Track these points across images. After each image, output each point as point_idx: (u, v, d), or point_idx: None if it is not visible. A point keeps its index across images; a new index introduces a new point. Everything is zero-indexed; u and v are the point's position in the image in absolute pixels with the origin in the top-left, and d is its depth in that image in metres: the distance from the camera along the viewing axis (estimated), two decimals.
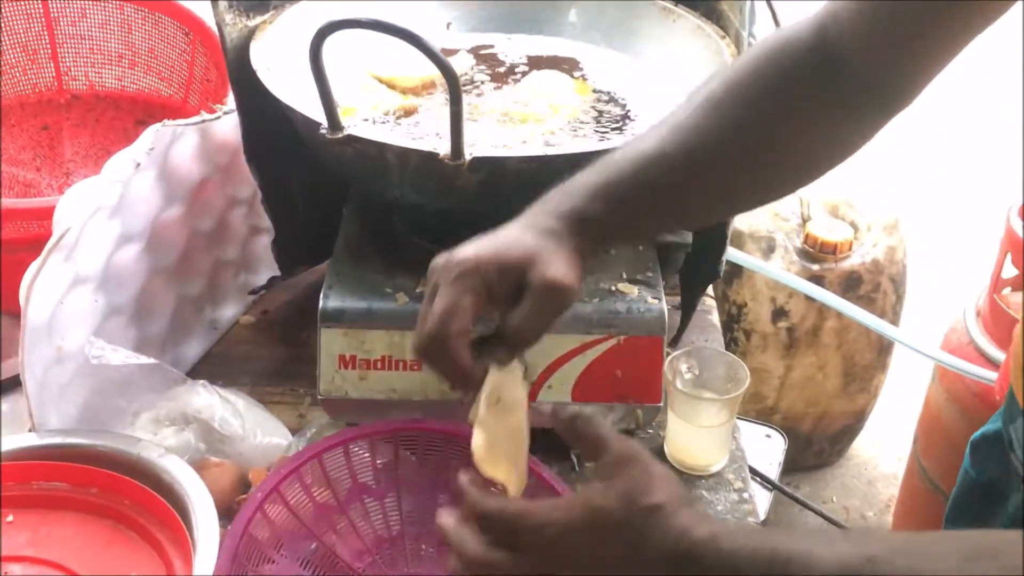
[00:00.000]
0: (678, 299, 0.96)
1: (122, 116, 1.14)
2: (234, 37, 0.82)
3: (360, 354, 0.78)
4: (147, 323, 0.86)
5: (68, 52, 1.13)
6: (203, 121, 0.84)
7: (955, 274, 1.96)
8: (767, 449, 1.20)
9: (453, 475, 0.72)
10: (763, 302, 1.49)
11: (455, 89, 0.63)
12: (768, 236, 1.48)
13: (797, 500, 1.17)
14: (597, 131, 0.84)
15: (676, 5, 0.93)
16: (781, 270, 1.36)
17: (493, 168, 0.69)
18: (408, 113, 0.85)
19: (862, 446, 1.81)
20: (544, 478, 0.72)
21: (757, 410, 1.54)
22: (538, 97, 0.87)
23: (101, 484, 0.68)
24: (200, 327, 0.93)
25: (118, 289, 0.81)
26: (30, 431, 0.73)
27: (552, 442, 0.82)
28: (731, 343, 1.49)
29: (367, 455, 0.72)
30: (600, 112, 0.87)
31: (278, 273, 0.96)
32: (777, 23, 1.19)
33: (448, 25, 1.02)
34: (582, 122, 0.85)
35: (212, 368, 0.92)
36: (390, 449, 0.73)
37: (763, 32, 1.08)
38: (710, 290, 1.02)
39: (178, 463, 0.69)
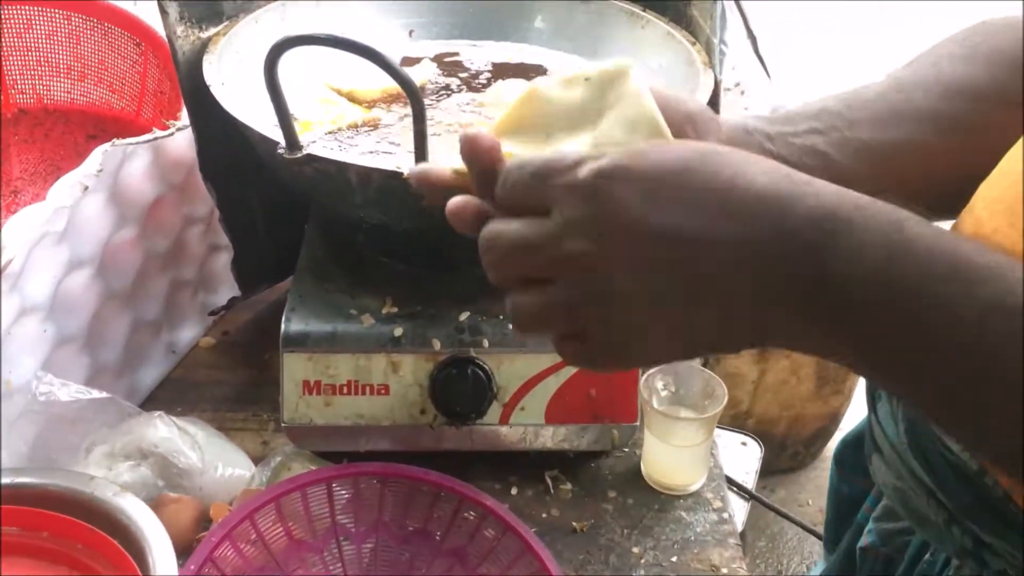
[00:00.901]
0: None
1: (72, 130, 1.10)
2: (186, 50, 0.79)
3: (325, 379, 0.75)
4: (100, 350, 0.82)
5: (14, 64, 1.08)
6: (155, 138, 0.81)
7: None
8: (743, 457, 1.18)
9: (422, 513, 0.70)
10: None
11: (418, 108, 0.60)
12: None
13: (774, 509, 1.16)
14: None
15: (644, 11, 0.91)
16: None
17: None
18: (372, 126, 0.82)
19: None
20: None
21: (731, 415, 1.53)
22: (503, 107, 0.85)
23: (53, 528, 0.64)
24: (157, 352, 0.90)
25: (68, 317, 0.77)
26: None
27: (524, 465, 0.80)
28: None
29: (325, 497, 0.70)
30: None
31: (238, 293, 0.93)
32: (748, 28, 1.17)
33: (411, 33, 1.00)
34: None
35: (171, 394, 0.89)
36: (351, 489, 0.70)
37: (734, 38, 1.07)
38: None
39: (134, 502, 0.66)
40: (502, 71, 0.93)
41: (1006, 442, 0.39)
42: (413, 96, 0.59)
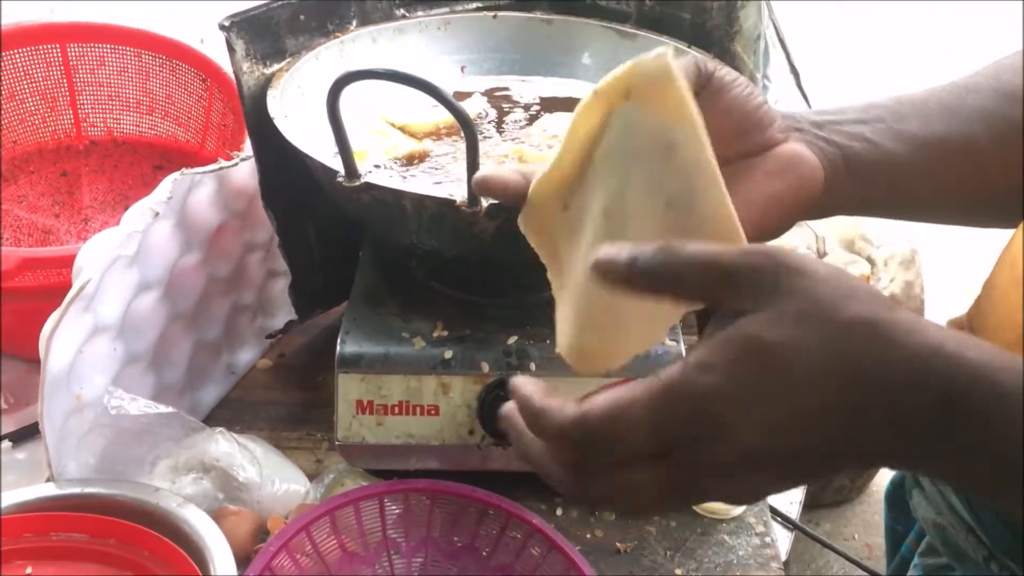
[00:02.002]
0: (696, 339, 0.96)
1: (140, 161, 1.15)
2: (251, 85, 0.83)
3: (377, 399, 0.78)
4: (165, 370, 0.86)
5: (87, 99, 1.14)
6: (220, 168, 0.85)
7: None
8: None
9: (469, 530, 0.73)
10: None
11: (471, 137, 0.63)
12: None
13: (818, 540, 1.16)
14: None
15: (690, 47, 0.93)
16: None
17: (509, 214, 0.69)
18: (422, 158, 0.86)
19: (884, 482, 1.79)
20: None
21: None
22: (550, 139, 0.88)
23: (120, 535, 0.68)
24: (217, 372, 0.93)
25: (136, 337, 0.81)
26: (48, 481, 0.74)
27: (534, 484, 0.81)
28: None
29: (377, 512, 0.72)
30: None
31: (295, 317, 0.96)
32: (792, 64, 1.20)
33: (463, 69, 1.03)
34: None
35: (230, 413, 0.92)
36: (401, 505, 0.73)
37: (777, 74, 1.09)
38: None
39: (196, 512, 0.69)
40: (550, 105, 0.96)
41: None
42: (466, 126, 0.62)
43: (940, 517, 0.65)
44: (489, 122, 0.93)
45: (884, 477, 1.77)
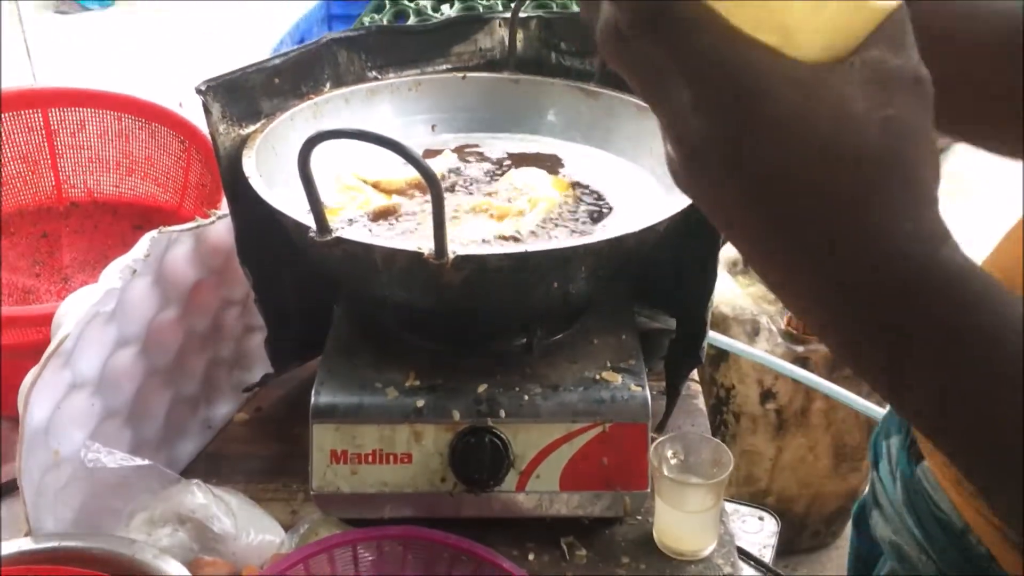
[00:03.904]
0: (664, 384, 0.98)
1: (119, 221, 1.18)
2: (227, 146, 0.86)
3: (351, 448, 0.80)
4: (142, 424, 0.87)
5: (67, 161, 1.17)
6: (198, 226, 0.87)
7: None
8: (761, 532, 1.20)
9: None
10: (751, 384, 1.51)
11: (437, 193, 0.66)
12: (752, 319, 1.51)
13: None
14: (577, 224, 0.87)
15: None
16: (765, 353, 1.39)
17: (476, 266, 0.72)
18: (394, 213, 0.88)
19: None
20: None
21: (751, 492, 1.55)
22: (518, 193, 0.91)
23: None
24: (195, 426, 0.95)
25: (114, 392, 0.83)
26: (26, 535, 0.74)
27: (541, 531, 0.83)
28: (721, 426, 1.51)
29: (351, 559, 0.74)
30: (578, 206, 0.90)
31: (271, 370, 0.98)
32: None
33: (433, 127, 1.07)
34: (561, 216, 0.88)
35: (207, 466, 0.93)
36: (375, 552, 0.74)
37: None
38: (695, 375, 1.05)
39: (173, 564, 0.70)
40: (519, 160, 1.00)
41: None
42: (432, 182, 0.65)
43: (896, 536, 0.68)
44: (460, 177, 0.96)
45: None
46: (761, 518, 1.20)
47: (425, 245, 0.72)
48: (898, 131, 0.34)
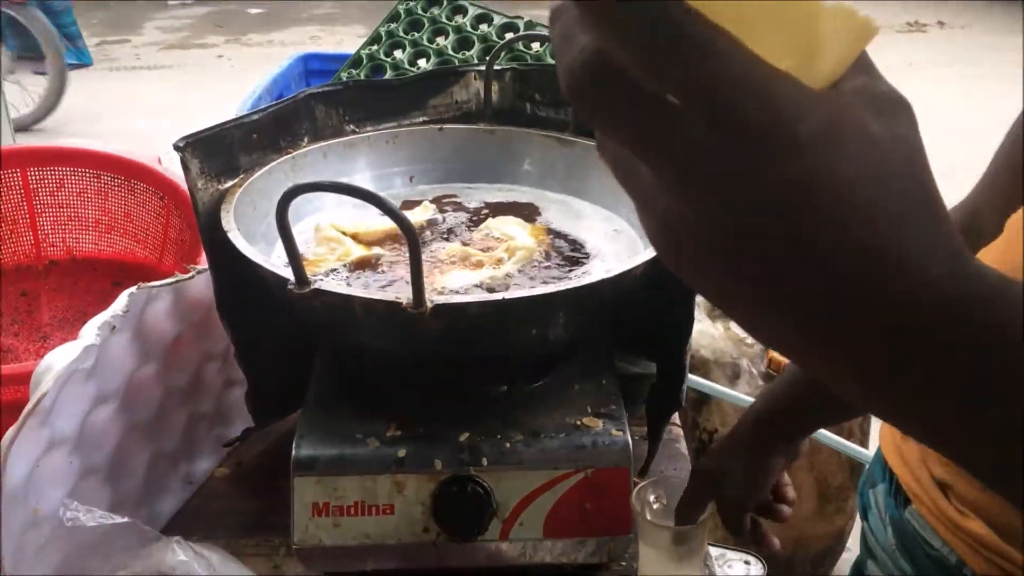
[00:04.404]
0: (646, 429, 0.99)
1: (99, 278, 1.18)
2: (206, 201, 0.87)
3: (333, 501, 0.80)
4: (122, 481, 0.87)
5: (47, 220, 1.18)
6: (177, 281, 0.88)
7: None
8: None
9: None
10: None
11: (413, 243, 0.67)
12: (732, 362, 1.51)
13: None
14: (555, 271, 0.88)
15: None
16: (746, 396, 1.39)
17: (454, 314, 0.72)
18: (374, 263, 0.89)
19: (845, 568, 1.80)
20: None
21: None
22: (496, 241, 0.92)
23: None
24: (175, 482, 0.94)
25: (93, 449, 0.82)
26: None
27: None
28: None
29: None
30: (555, 253, 0.91)
31: (253, 424, 0.98)
32: None
33: (411, 178, 1.08)
34: (538, 263, 0.89)
35: (187, 523, 0.93)
36: None
37: None
38: (677, 418, 1.05)
39: None
40: (496, 210, 1.01)
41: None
42: (408, 232, 0.66)
43: None
44: (439, 227, 0.97)
45: (845, 566, 1.78)
46: (747, 561, 1.19)
47: (404, 295, 0.73)
48: (910, 149, 0.33)
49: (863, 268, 0.32)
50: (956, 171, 3.91)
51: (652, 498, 0.84)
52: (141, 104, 5.03)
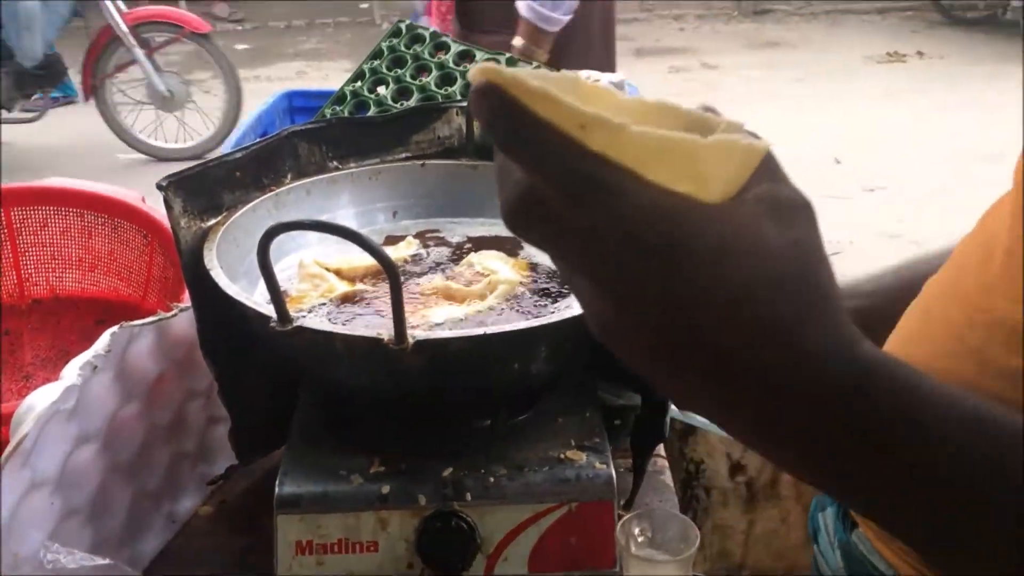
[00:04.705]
0: (631, 461, 0.99)
1: (82, 317, 1.18)
2: (188, 239, 0.87)
3: (316, 539, 0.79)
4: (104, 521, 0.86)
5: (30, 259, 1.17)
6: (159, 320, 0.88)
7: None
8: None
9: None
10: (719, 458, 1.51)
11: (394, 279, 0.67)
12: None
13: None
14: (535, 305, 0.88)
15: None
16: None
17: (435, 349, 0.73)
18: (357, 299, 0.89)
19: None
20: None
21: (725, 567, 1.54)
22: (478, 275, 0.93)
23: None
24: (158, 522, 0.94)
25: (75, 490, 0.82)
26: None
27: None
28: (692, 500, 1.51)
29: None
30: (536, 287, 0.92)
31: (236, 462, 0.97)
32: None
33: (395, 214, 1.09)
34: (520, 297, 0.89)
35: (170, 563, 0.92)
36: None
37: None
38: (662, 450, 1.05)
39: None
40: (479, 244, 1.02)
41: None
42: (389, 269, 0.66)
43: None
44: (422, 262, 0.97)
45: None
46: None
47: (385, 331, 0.73)
48: (806, 251, 0.37)
49: (764, 362, 0.37)
50: (934, 196, 3.97)
51: (637, 531, 0.84)
52: (131, 140, 5.03)
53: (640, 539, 0.83)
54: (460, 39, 2.05)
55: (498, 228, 1.05)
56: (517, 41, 1.96)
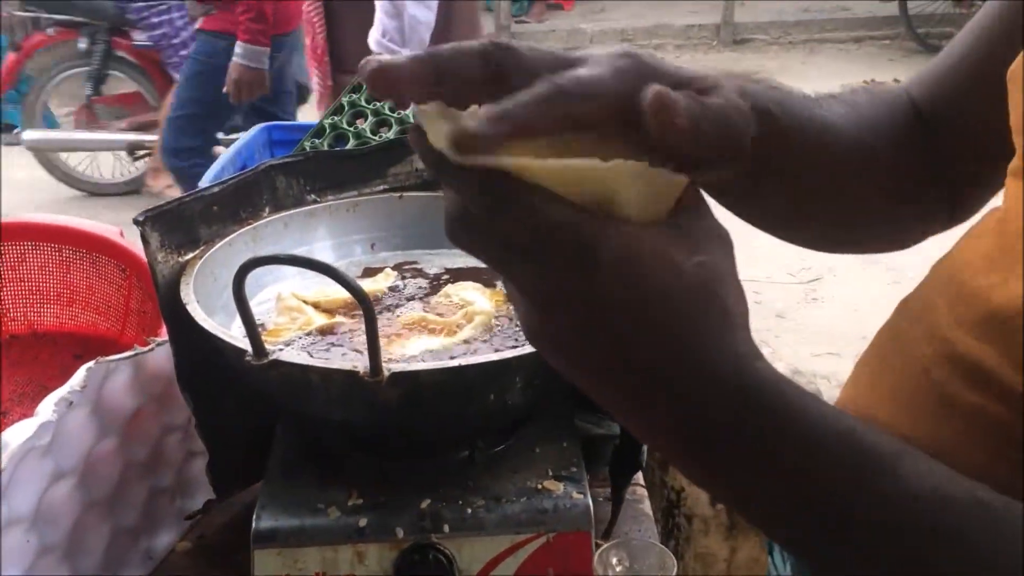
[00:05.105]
0: (610, 491, 0.99)
1: (60, 352, 1.17)
2: (165, 274, 0.87)
3: (294, 573, 0.79)
4: (80, 558, 0.85)
5: (7, 295, 1.17)
6: (136, 355, 0.88)
7: None
8: None
9: None
10: None
11: (368, 312, 0.68)
12: None
13: None
14: (511, 336, 0.89)
15: None
16: None
17: (411, 382, 0.73)
18: (334, 331, 0.90)
19: None
20: None
21: None
22: (454, 307, 0.93)
23: None
24: (135, 558, 0.93)
25: (50, 527, 0.81)
26: None
27: None
28: (674, 529, 1.50)
29: None
30: (513, 318, 0.92)
31: (214, 496, 0.97)
32: None
33: (373, 246, 1.09)
34: (496, 328, 0.90)
35: None
36: None
37: None
38: (640, 479, 1.05)
39: None
40: (456, 275, 1.02)
41: None
42: (362, 302, 0.67)
43: None
44: (399, 294, 0.98)
45: None
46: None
47: (361, 364, 0.73)
48: (709, 272, 0.41)
49: (658, 368, 0.41)
50: None
51: (615, 560, 0.84)
52: (107, 173, 5.02)
53: (618, 568, 0.84)
54: (333, 79, 2.09)
55: (476, 260, 1.06)
56: None
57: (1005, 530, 0.40)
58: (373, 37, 1.93)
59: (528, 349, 0.77)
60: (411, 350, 0.86)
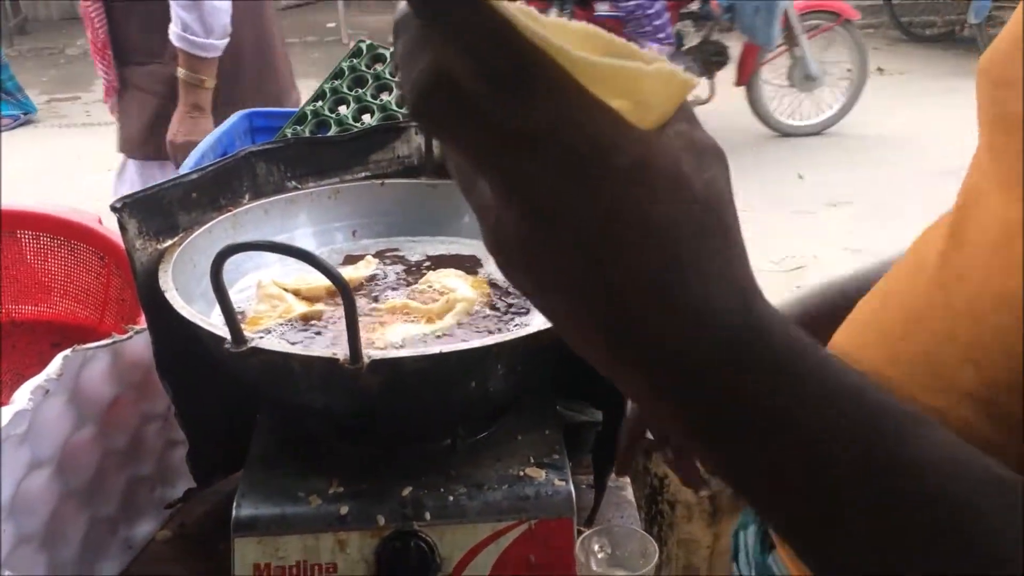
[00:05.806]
0: (592, 478, 0.99)
1: (38, 340, 1.16)
2: (144, 261, 0.86)
3: (275, 562, 0.79)
4: (58, 548, 0.85)
5: None
6: (114, 343, 0.87)
7: None
8: None
9: None
10: None
11: (348, 299, 0.67)
12: None
13: None
14: (493, 323, 0.88)
15: None
16: None
17: (391, 369, 0.72)
18: (315, 319, 0.89)
19: None
20: None
21: None
22: (435, 293, 0.93)
23: None
24: (114, 547, 0.92)
25: (28, 516, 0.80)
26: None
27: None
28: (657, 515, 1.51)
29: None
30: (495, 305, 0.92)
31: (195, 485, 0.96)
32: None
33: (354, 233, 1.09)
34: (478, 315, 0.90)
35: None
36: None
37: None
38: None
39: None
40: (438, 262, 1.02)
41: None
42: (342, 289, 0.66)
43: None
44: (381, 281, 0.97)
45: None
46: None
47: (341, 351, 0.73)
48: (717, 191, 0.36)
49: (654, 290, 0.35)
50: (896, 211, 4.02)
51: (597, 547, 0.84)
52: (89, 160, 4.99)
53: (600, 555, 0.84)
54: (118, 72, 2.07)
55: (457, 247, 1.06)
56: (180, 72, 1.97)
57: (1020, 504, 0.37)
58: (174, 32, 1.92)
59: (510, 336, 0.77)
60: (392, 337, 0.85)
